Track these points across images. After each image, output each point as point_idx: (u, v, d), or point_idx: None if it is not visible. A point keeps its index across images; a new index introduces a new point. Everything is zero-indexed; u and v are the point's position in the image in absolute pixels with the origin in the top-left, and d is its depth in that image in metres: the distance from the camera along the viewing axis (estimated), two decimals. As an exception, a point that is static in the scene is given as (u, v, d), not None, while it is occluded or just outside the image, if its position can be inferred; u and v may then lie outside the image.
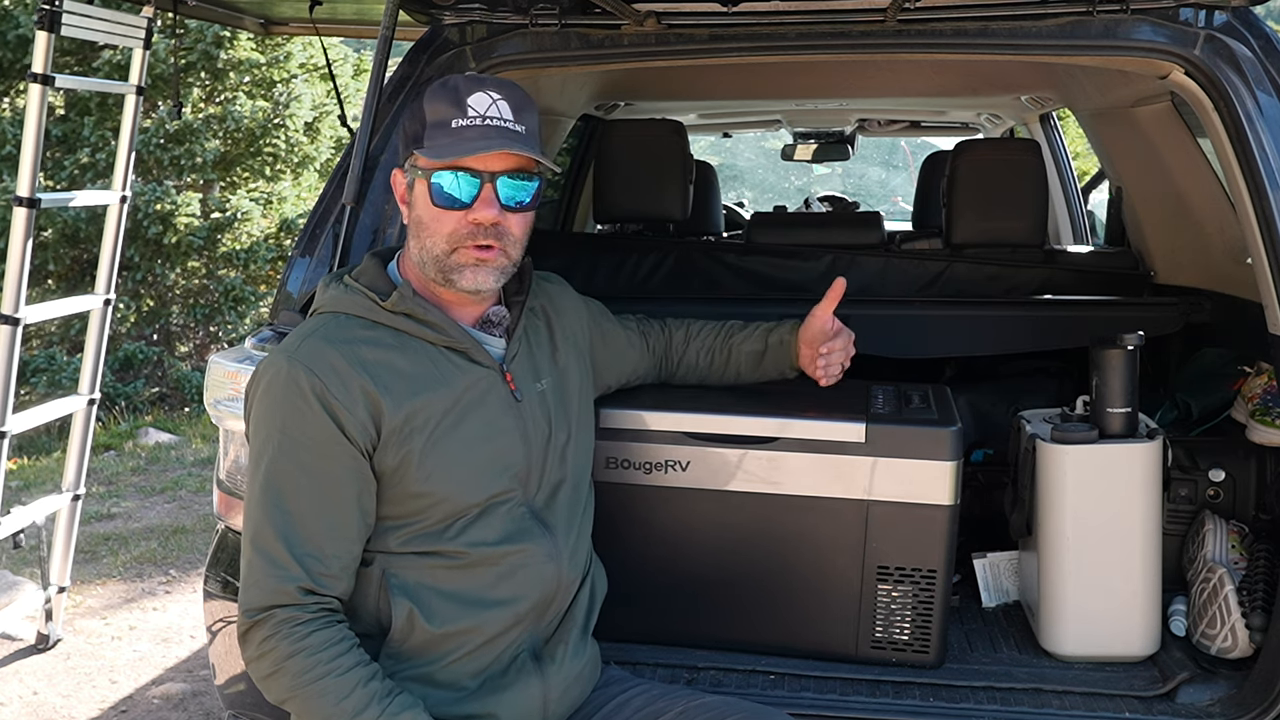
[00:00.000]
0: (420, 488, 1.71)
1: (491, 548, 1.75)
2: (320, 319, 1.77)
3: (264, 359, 1.76)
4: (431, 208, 1.74)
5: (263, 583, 1.65)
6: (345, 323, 1.75)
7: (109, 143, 10.42)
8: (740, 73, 3.60)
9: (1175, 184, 3.12)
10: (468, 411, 1.75)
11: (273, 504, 1.66)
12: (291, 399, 1.67)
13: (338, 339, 1.72)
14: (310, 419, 1.66)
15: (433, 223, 1.75)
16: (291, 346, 1.72)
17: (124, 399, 10.01)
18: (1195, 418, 2.78)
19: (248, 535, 1.68)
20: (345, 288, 1.79)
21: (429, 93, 1.78)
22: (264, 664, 1.65)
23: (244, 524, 1.70)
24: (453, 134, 1.72)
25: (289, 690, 1.63)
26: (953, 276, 3.35)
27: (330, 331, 1.73)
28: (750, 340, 2.19)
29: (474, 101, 1.73)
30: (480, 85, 1.76)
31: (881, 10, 2.16)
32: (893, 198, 13.00)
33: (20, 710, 3.52)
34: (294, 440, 1.67)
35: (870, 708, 2.06)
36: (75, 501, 4.00)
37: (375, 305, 1.75)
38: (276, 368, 1.70)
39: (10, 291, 3.53)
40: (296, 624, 1.63)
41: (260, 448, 1.70)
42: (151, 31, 3.70)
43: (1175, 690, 2.08)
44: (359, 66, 12.16)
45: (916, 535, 2.09)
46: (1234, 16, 2.14)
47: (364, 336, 1.73)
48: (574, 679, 1.85)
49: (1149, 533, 2.19)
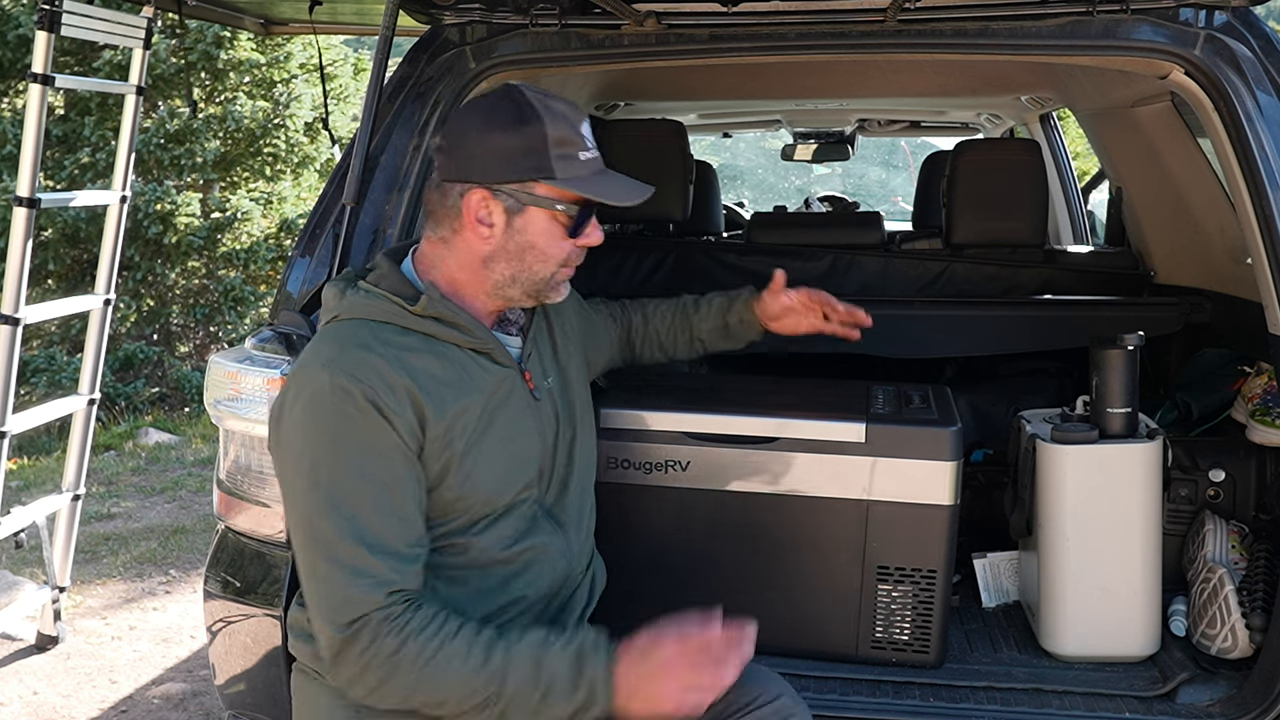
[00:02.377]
0: (457, 492, 1.70)
1: (508, 547, 1.75)
2: (348, 326, 1.71)
3: (294, 375, 1.69)
4: (556, 234, 1.73)
5: (351, 595, 1.59)
6: (377, 329, 1.70)
7: (109, 143, 10.42)
8: (740, 73, 3.60)
9: (1175, 184, 3.12)
10: (496, 413, 1.75)
11: (341, 516, 1.60)
12: (342, 408, 1.61)
13: (376, 345, 1.66)
14: (366, 425, 1.62)
15: (548, 248, 1.73)
16: (327, 356, 1.65)
17: (124, 399, 10.01)
18: (1195, 418, 2.79)
19: (319, 553, 1.61)
20: (367, 293, 1.74)
21: (545, 109, 1.70)
22: (373, 673, 1.58)
23: (306, 545, 1.63)
24: (585, 165, 1.72)
25: (414, 680, 1.57)
26: (953, 277, 3.36)
27: (365, 338, 1.68)
28: (710, 318, 2.21)
29: (585, 130, 1.74)
30: (577, 109, 1.76)
31: (881, 10, 2.16)
32: (893, 198, 13.00)
33: (20, 710, 3.52)
34: (351, 449, 1.62)
35: (870, 708, 2.06)
36: (75, 501, 4.00)
37: (403, 310, 1.71)
38: (317, 381, 1.63)
39: (10, 291, 3.53)
40: (393, 619, 1.59)
41: (312, 463, 1.63)
42: (151, 31, 3.70)
43: (1175, 690, 2.08)
44: (359, 66, 12.18)
45: (917, 535, 2.09)
46: (1234, 16, 2.14)
47: (400, 342, 1.69)
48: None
49: (1149, 533, 2.19)
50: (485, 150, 1.70)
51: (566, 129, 1.70)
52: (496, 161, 1.69)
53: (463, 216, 1.72)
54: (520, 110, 1.69)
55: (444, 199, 1.74)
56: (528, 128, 1.69)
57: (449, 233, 1.75)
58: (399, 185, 2.27)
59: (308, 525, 1.63)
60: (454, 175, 1.72)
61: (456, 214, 1.73)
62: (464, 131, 1.72)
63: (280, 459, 1.69)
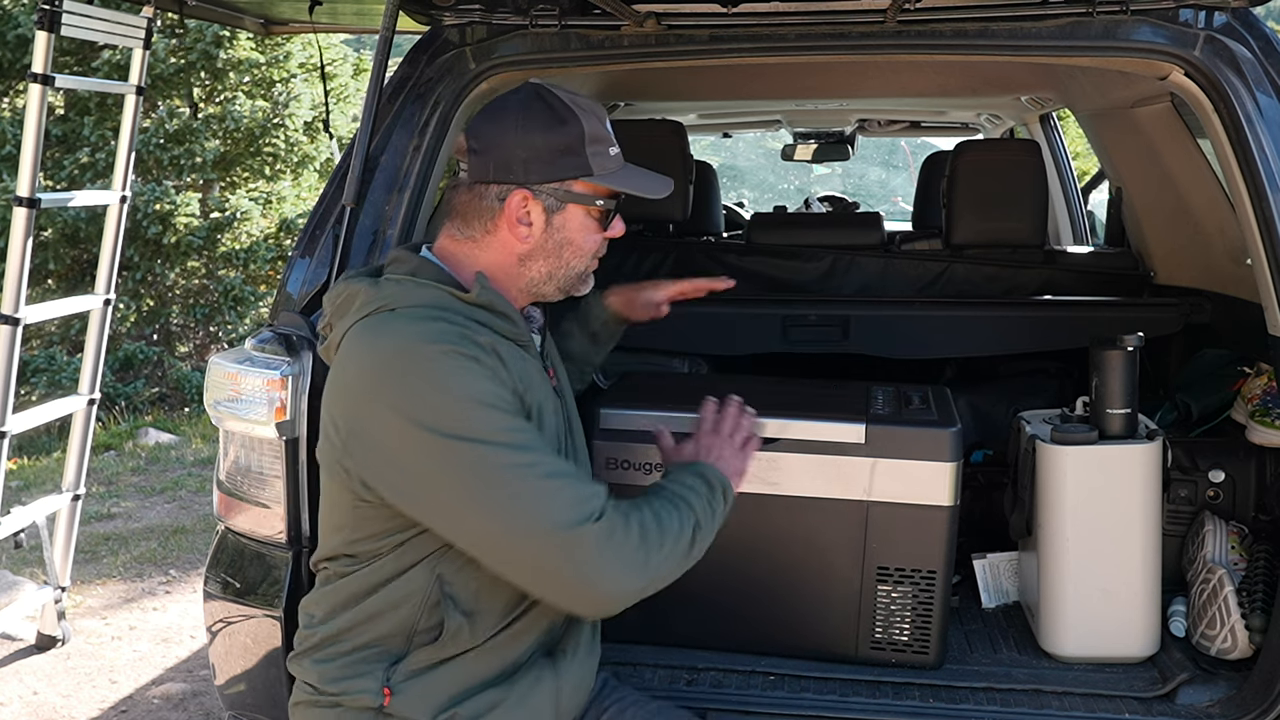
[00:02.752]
0: None
1: None
2: (414, 313, 1.65)
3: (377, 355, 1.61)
4: (591, 229, 1.78)
5: (582, 491, 1.61)
6: (441, 313, 1.66)
7: (109, 143, 10.42)
8: (740, 73, 3.59)
9: (1175, 185, 3.12)
10: (542, 403, 1.74)
11: (519, 446, 1.58)
12: (461, 364, 1.57)
13: (452, 318, 1.64)
14: (487, 374, 1.59)
15: (584, 243, 1.79)
16: (415, 334, 1.60)
17: (124, 399, 10.01)
18: (1195, 418, 2.78)
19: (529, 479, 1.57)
20: (415, 284, 1.70)
21: (577, 108, 1.74)
22: (651, 538, 1.64)
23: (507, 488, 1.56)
24: (615, 160, 1.78)
25: (671, 537, 1.67)
26: (953, 277, 3.36)
27: (436, 315, 1.64)
28: (575, 340, 2.23)
29: (609, 126, 1.80)
30: (602, 107, 1.81)
31: (881, 11, 2.16)
32: (893, 198, 13.00)
33: (20, 710, 3.52)
34: (487, 395, 1.58)
35: (870, 708, 2.06)
36: (75, 501, 4.00)
37: (454, 298, 1.69)
38: (423, 353, 1.58)
39: (10, 291, 3.53)
40: (613, 505, 1.64)
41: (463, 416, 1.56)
42: (151, 31, 3.70)
43: (1175, 691, 2.08)
44: (359, 66, 12.18)
45: (916, 536, 2.09)
46: (1234, 17, 2.14)
47: (465, 324, 1.65)
48: (584, 678, 1.84)
49: (1149, 533, 2.19)
50: (526, 152, 1.71)
51: (598, 125, 1.75)
52: (538, 162, 1.72)
53: (500, 217, 1.73)
54: (555, 110, 1.73)
55: (478, 200, 1.74)
56: (566, 127, 1.72)
57: (480, 232, 1.75)
58: (399, 186, 2.27)
59: (497, 472, 1.56)
60: (490, 177, 1.73)
61: (492, 215, 1.73)
62: (500, 133, 1.73)
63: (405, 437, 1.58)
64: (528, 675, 1.75)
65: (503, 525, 1.57)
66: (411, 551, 1.67)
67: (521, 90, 1.78)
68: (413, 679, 1.68)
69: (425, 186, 2.30)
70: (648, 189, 1.83)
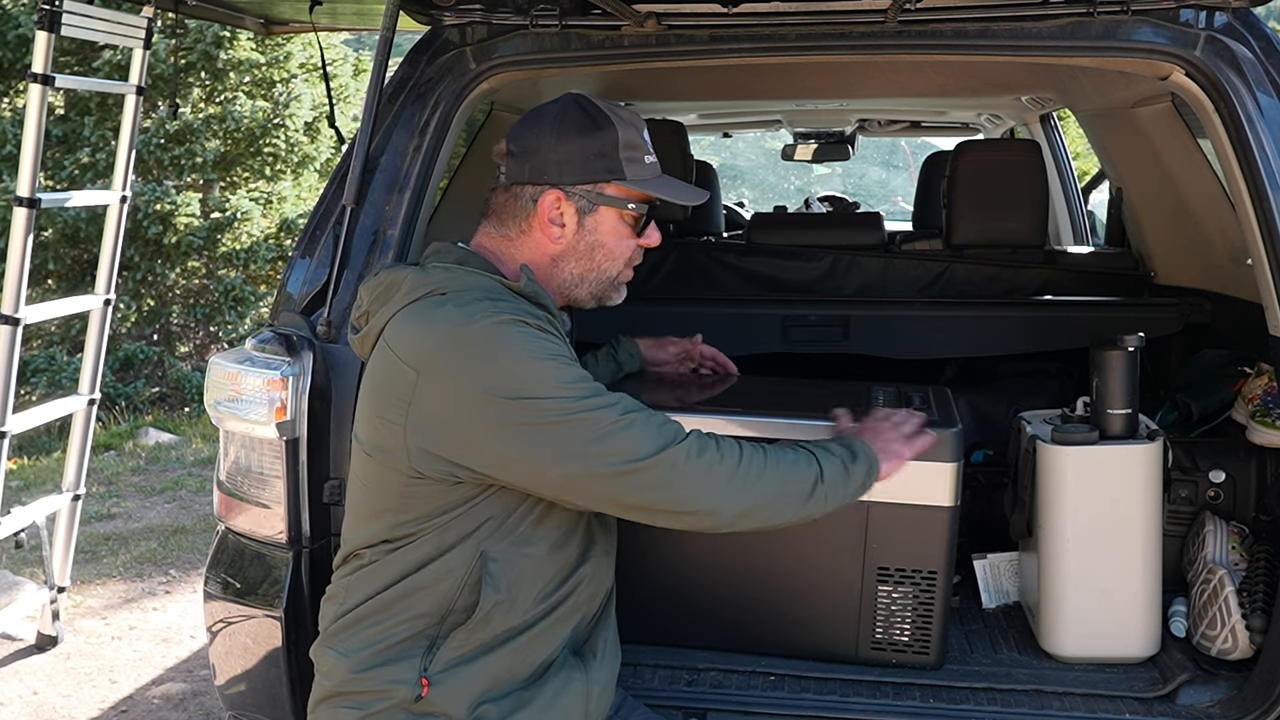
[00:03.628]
0: None
1: (568, 535, 1.77)
2: (467, 294, 1.68)
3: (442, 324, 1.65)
4: (623, 234, 1.83)
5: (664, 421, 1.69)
6: (492, 298, 1.70)
7: (109, 143, 10.43)
8: (740, 73, 3.60)
9: (1175, 185, 3.12)
10: None
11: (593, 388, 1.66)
12: (528, 331, 1.64)
13: (509, 298, 1.70)
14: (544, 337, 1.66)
15: (617, 247, 1.84)
16: (474, 312, 1.64)
17: (124, 399, 10.01)
18: (1195, 419, 2.78)
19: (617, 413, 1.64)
20: (466, 271, 1.74)
21: (615, 117, 1.79)
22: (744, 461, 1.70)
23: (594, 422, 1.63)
24: (649, 168, 1.82)
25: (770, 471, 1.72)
26: (953, 277, 3.36)
27: (495, 296, 1.69)
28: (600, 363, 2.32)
29: (646, 136, 1.84)
30: (641, 119, 1.85)
31: (882, 11, 2.16)
32: (893, 198, 13.01)
33: (20, 710, 3.52)
34: (555, 359, 1.64)
35: (870, 709, 2.06)
36: (75, 501, 4.00)
37: (503, 286, 1.73)
38: (488, 325, 1.62)
39: (10, 291, 3.53)
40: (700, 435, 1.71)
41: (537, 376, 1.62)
42: (151, 31, 3.70)
43: (1175, 692, 2.08)
44: (359, 66, 12.18)
45: (917, 536, 2.09)
46: (1234, 17, 2.14)
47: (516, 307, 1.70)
48: (610, 682, 1.85)
49: (1149, 534, 2.19)
50: (560, 154, 1.78)
51: (634, 133, 1.81)
52: (571, 165, 1.78)
53: (534, 217, 1.79)
54: (591, 117, 1.78)
55: (514, 200, 1.80)
56: (601, 132, 1.77)
57: (515, 232, 1.81)
58: (399, 186, 2.27)
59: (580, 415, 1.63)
60: (526, 178, 1.79)
61: (526, 215, 1.79)
62: (537, 137, 1.79)
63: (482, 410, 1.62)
64: (558, 675, 1.75)
65: (587, 468, 1.64)
66: (455, 529, 1.69)
67: (561, 98, 1.84)
68: (450, 670, 1.68)
69: (425, 186, 2.31)
70: (681, 196, 1.88)
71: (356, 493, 1.79)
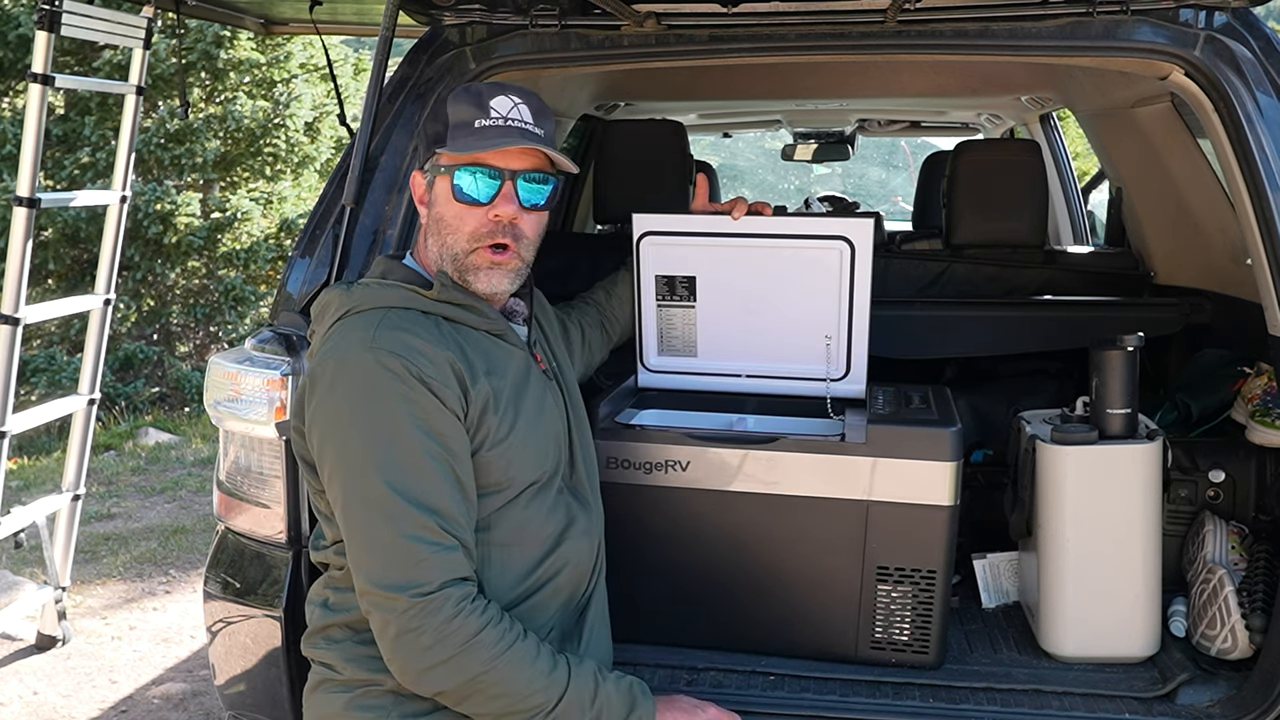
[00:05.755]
0: (495, 466, 1.73)
1: (542, 524, 1.79)
2: (371, 315, 1.73)
3: (328, 364, 1.70)
4: (453, 204, 1.78)
5: (426, 562, 1.60)
6: (402, 314, 1.73)
7: (109, 143, 10.43)
8: (740, 73, 3.60)
9: (1175, 184, 3.12)
10: (524, 390, 1.80)
11: (408, 490, 1.62)
12: (390, 385, 1.64)
13: (408, 325, 1.70)
14: (418, 401, 1.65)
15: (455, 220, 1.79)
16: (364, 340, 1.68)
17: (124, 399, 10.01)
18: (1195, 419, 2.78)
19: (387, 526, 1.62)
20: (380, 285, 1.78)
21: (452, 96, 1.82)
22: (448, 645, 1.60)
23: (368, 522, 1.63)
24: (475, 133, 1.77)
25: (484, 666, 1.60)
26: (953, 277, 3.35)
27: (395, 321, 1.71)
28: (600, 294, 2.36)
29: (496, 104, 1.79)
30: (503, 90, 1.82)
31: (882, 11, 2.16)
32: (893, 198, 13.00)
33: (20, 710, 3.52)
34: (408, 427, 1.64)
35: (870, 709, 2.06)
36: (75, 501, 4.00)
37: (419, 295, 1.76)
38: (357, 361, 1.66)
39: (10, 291, 3.53)
40: (474, 599, 1.63)
41: (364, 442, 1.64)
42: (151, 31, 3.70)
43: (1175, 691, 2.08)
44: (359, 66, 12.17)
45: (916, 536, 2.09)
46: (1234, 17, 2.14)
47: (428, 323, 1.73)
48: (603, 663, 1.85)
49: (1149, 534, 2.19)
50: (421, 134, 1.90)
51: (471, 103, 1.80)
52: (421, 142, 1.88)
53: (414, 199, 1.88)
54: (450, 95, 1.83)
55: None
56: (440, 106, 1.82)
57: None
58: (399, 186, 2.27)
59: (367, 504, 1.63)
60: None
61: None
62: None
63: (324, 442, 1.69)
64: None
65: (354, 525, 1.66)
66: None
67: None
68: None
69: (425, 186, 2.30)
70: (483, 146, 1.76)
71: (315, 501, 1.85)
